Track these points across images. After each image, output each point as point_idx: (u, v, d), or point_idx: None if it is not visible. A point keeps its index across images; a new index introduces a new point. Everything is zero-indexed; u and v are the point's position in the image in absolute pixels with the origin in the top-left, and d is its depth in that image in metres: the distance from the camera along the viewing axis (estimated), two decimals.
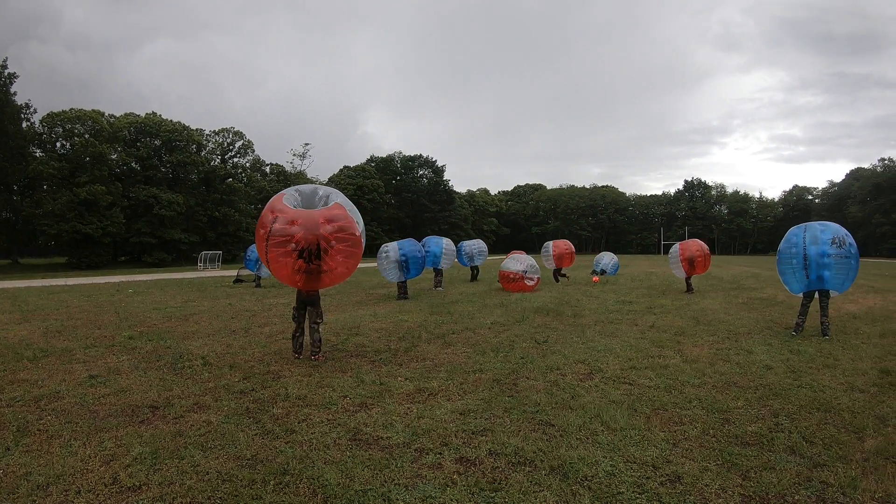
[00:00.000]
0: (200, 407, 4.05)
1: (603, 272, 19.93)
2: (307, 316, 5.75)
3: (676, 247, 13.21)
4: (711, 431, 3.67)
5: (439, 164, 71.79)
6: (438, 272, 14.22)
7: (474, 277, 17.52)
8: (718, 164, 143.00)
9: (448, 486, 2.79)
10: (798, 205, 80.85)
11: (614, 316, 9.16)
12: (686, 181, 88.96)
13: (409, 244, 11.41)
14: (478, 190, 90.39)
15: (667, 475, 2.96)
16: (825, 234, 7.06)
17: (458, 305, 10.34)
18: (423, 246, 12.80)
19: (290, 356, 5.81)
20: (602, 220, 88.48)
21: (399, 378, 4.95)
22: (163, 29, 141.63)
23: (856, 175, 70.45)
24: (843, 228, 7.26)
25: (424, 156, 71.01)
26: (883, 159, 66.86)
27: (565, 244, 17.15)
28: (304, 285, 5.28)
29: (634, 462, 3.11)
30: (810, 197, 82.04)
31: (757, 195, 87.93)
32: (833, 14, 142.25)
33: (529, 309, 9.68)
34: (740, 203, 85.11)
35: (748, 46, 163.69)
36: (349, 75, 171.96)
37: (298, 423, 3.71)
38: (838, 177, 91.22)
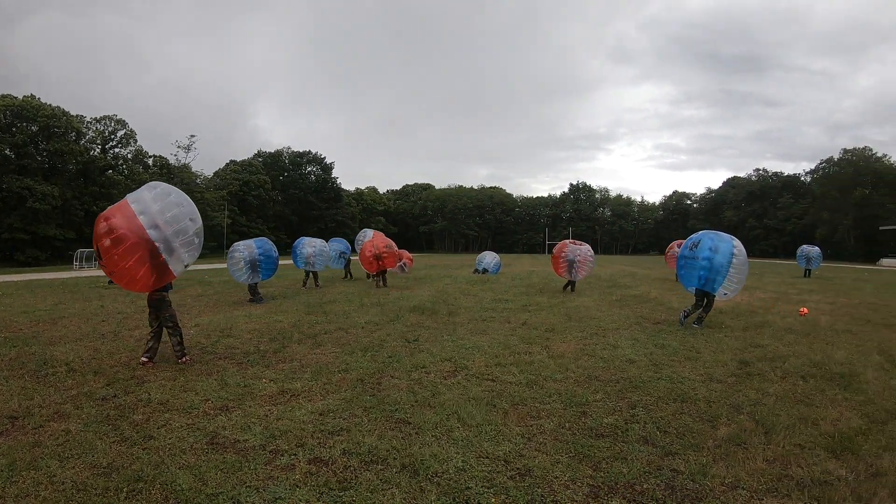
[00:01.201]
0: (61, 415, 5.77)
1: (485, 271, 29.38)
2: (159, 320, 8.42)
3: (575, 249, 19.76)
4: (567, 425, 5.44)
5: (328, 161, 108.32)
6: (312, 275, 21.74)
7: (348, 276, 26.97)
8: (604, 169, 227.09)
9: (298, 486, 4.11)
10: (677, 209, 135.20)
11: (488, 314, 13.28)
12: (572, 184, 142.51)
13: (262, 243, 16.13)
14: (366, 188, 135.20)
15: (517, 469, 4.39)
16: (690, 240, 12.16)
17: (334, 305, 14.85)
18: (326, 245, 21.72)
19: (156, 360, 8.34)
20: (489, 221, 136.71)
21: (264, 380, 7.14)
22: (47, 1, 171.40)
23: (732, 183, 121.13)
24: (723, 236, 12.07)
25: (313, 152, 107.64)
26: (758, 169, 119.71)
27: (383, 242, 22.92)
28: (126, 286, 8.16)
29: (486, 457, 4.60)
30: (689, 202, 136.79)
31: (639, 199, 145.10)
32: (722, 36, 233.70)
33: (406, 308, 13.97)
34: (623, 206, 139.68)
35: (640, 60, 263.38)
36: (240, 65, 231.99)
37: (158, 428, 5.31)
38: (716, 184, 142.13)
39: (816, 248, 34.41)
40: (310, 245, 22.28)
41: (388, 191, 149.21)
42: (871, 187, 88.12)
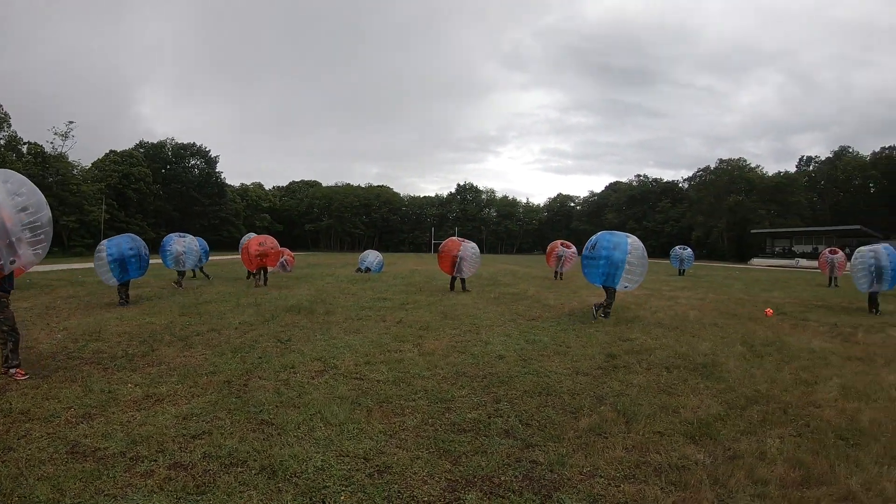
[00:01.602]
0: None
1: (368, 270, 30.15)
2: None
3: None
4: (430, 421, 5.62)
5: (213, 154, 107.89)
6: (182, 274, 21.90)
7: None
8: (492, 170, 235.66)
9: (155, 492, 4.11)
10: (561, 210, 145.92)
11: (365, 313, 13.53)
12: (459, 185, 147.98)
13: (128, 240, 15.98)
14: (252, 184, 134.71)
15: (376, 466, 4.53)
16: (590, 241, 13.90)
17: (210, 305, 14.87)
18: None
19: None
20: (376, 219, 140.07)
21: (129, 384, 7.07)
22: None
23: (614, 187, 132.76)
24: (619, 234, 13.80)
25: (198, 144, 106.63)
26: (639, 175, 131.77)
27: (272, 241, 22.99)
28: None
29: (347, 455, 4.72)
30: (573, 204, 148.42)
31: (524, 200, 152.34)
32: (614, 48, 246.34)
33: (282, 307, 14.19)
34: (508, 207, 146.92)
35: (533, 67, 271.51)
36: (127, 46, 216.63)
37: (18, 439, 5.16)
38: (599, 188, 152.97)
39: (689, 249, 38.05)
40: (179, 243, 21.85)
41: (274, 187, 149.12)
42: (744, 194, 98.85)
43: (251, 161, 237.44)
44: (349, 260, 42.86)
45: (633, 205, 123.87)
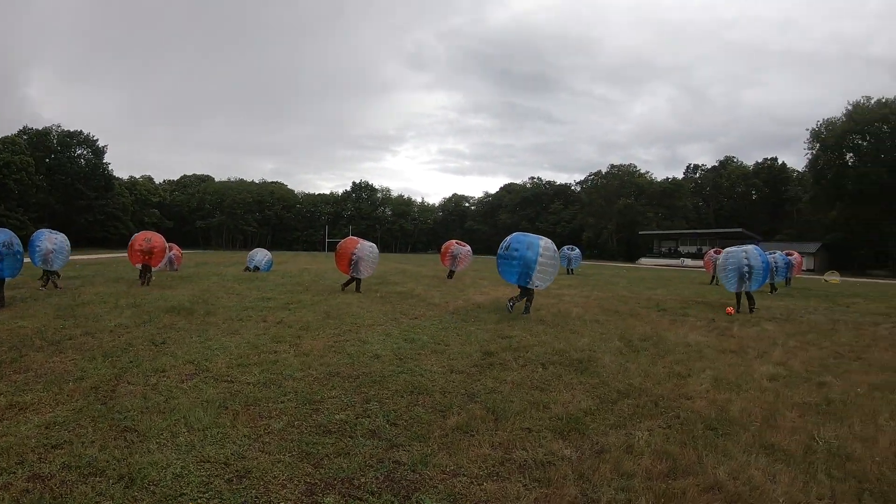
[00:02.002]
0: None
1: (256, 269, 29.60)
2: None
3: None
4: (296, 423, 5.53)
5: (101, 144, 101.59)
6: (50, 273, 19.95)
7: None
8: (389, 169, 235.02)
9: None
10: (456, 210, 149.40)
11: (247, 313, 13.11)
12: (354, 183, 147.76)
13: (2, 236, 14.57)
14: (141, 177, 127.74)
15: (236, 471, 4.43)
16: (504, 242, 14.68)
17: (87, 307, 13.99)
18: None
19: None
20: (269, 217, 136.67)
21: None
22: None
23: (509, 189, 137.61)
24: (531, 236, 14.47)
25: (85, 133, 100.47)
26: (532, 177, 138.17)
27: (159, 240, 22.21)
28: None
29: (207, 461, 4.60)
30: (467, 204, 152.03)
31: (420, 200, 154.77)
32: (517, 55, 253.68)
33: (162, 308, 13.52)
34: (404, 206, 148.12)
35: (435, 69, 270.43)
36: (16, 21, 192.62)
37: None
38: (494, 189, 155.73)
39: (577, 249, 39.66)
40: (50, 240, 20.44)
41: (164, 181, 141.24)
42: (634, 198, 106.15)
43: (140, 151, 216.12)
44: (240, 259, 41.93)
45: (527, 206, 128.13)
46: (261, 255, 31.26)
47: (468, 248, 28.68)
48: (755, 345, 10.56)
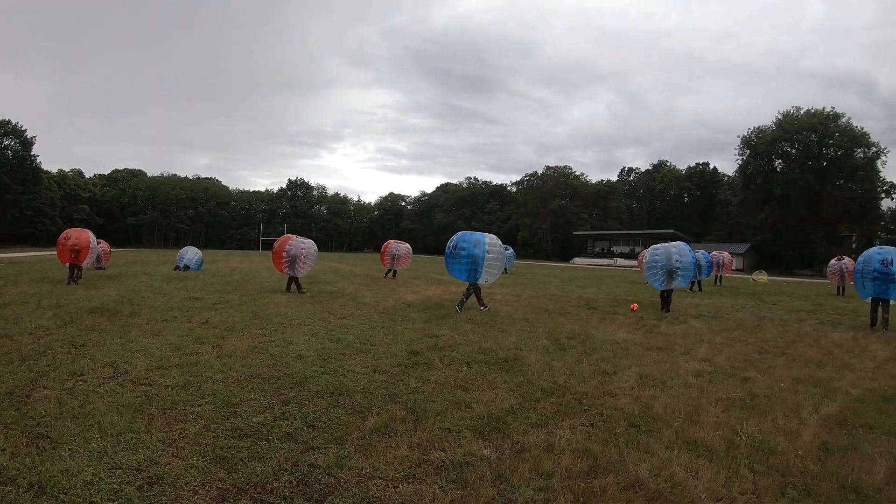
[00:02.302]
0: None
1: (186, 268, 29.34)
2: None
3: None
4: (213, 427, 5.39)
5: (29, 135, 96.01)
6: None
7: None
8: (326, 167, 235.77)
9: None
10: (392, 209, 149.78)
11: (172, 314, 12.85)
12: (290, 180, 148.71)
13: None
14: (71, 171, 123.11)
15: (148, 478, 4.32)
16: (451, 241, 15.28)
17: (8, 308, 13.52)
18: None
19: None
20: (202, 214, 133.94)
21: None
22: None
23: (445, 188, 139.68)
24: (476, 234, 15.33)
25: (13, 122, 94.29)
26: (469, 178, 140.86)
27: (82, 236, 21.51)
28: None
29: (119, 468, 4.47)
30: (403, 203, 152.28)
31: (356, 198, 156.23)
32: (458, 56, 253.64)
33: (86, 309, 13.20)
34: (339, 205, 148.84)
35: (375, 66, 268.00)
36: None
37: None
38: (431, 188, 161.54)
39: (511, 249, 39.63)
40: None
41: (95, 175, 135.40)
42: (569, 199, 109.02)
43: (71, 143, 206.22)
44: (171, 257, 41.05)
45: (463, 206, 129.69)
46: (191, 254, 30.87)
47: (407, 246, 28.93)
48: (682, 342, 10.81)
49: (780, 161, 77.44)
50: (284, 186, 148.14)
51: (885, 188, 73.58)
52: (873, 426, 5.99)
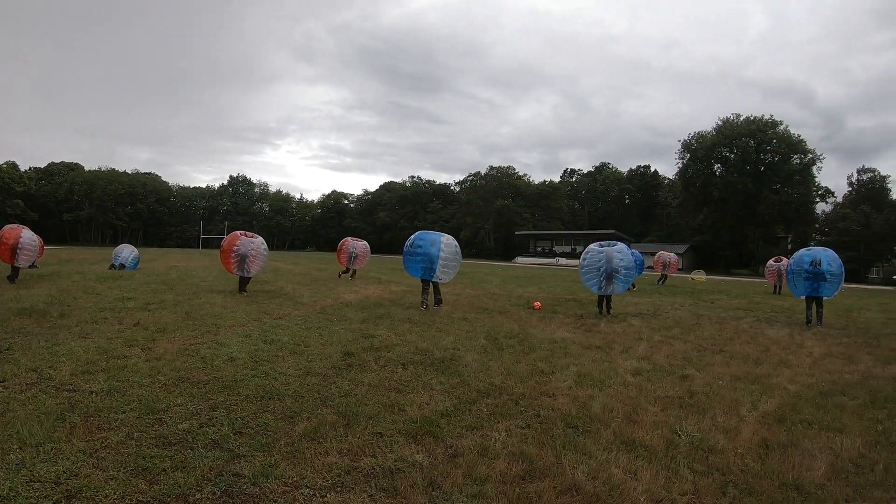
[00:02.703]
0: None
1: (122, 266, 28.37)
2: None
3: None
4: (136, 435, 5.17)
5: None
6: None
7: None
8: (270, 163, 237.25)
9: None
10: (335, 208, 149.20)
11: (104, 315, 12.30)
12: (231, 176, 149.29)
13: None
14: (5, 163, 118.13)
15: (66, 491, 4.12)
16: (409, 241, 15.78)
17: None
18: None
19: None
20: (141, 210, 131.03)
21: None
22: None
23: (388, 187, 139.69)
24: (432, 233, 15.83)
25: None
26: (412, 177, 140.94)
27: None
28: None
29: (38, 480, 4.26)
30: (346, 202, 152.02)
31: (298, 196, 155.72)
32: (406, 54, 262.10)
33: (14, 310, 12.67)
34: (281, 202, 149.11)
35: (322, 62, 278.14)
36: None
37: None
38: (374, 187, 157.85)
39: None
40: None
41: (30, 168, 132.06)
42: (511, 199, 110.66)
43: (3, 134, 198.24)
44: (107, 255, 39.30)
45: (406, 204, 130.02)
46: (127, 252, 29.72)
47: (365, 243, 28.07)
48: (621, 340, 10.92)
49: (719, 165, 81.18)
50: (226, 183, 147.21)
51: (819, 193, 78.97)
52: (812, 422, 6.12)
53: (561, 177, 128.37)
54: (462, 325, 12.06)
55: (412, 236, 15.86)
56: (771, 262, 29.82)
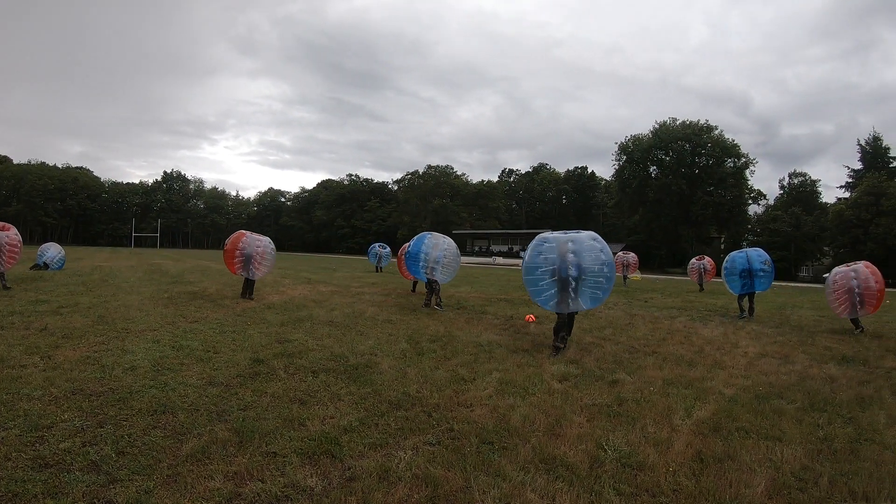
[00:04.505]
0: None
1: (46, 266, 27.28)
2: None
3: None
4: (14, 455, 4.67)
5: None
6: None
7: None
8: (207, 159, 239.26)
9: None
10: (271, 205, 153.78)
11: (11, 319, 11.50)
12: (166, 172, 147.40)
13: None
14: None
15: None
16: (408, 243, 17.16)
17: None
18: None
19: None
20: (71, 207, 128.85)
21: None
22: None
23: (325, 185, 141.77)
24: (438, 237, 16.45)
25: None
26: (350, 175, 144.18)
27: None
28: None
29: None
30: (283, 199, 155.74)
31: (234, 193, 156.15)
32: (349, 50, 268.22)
33: None
34: (217, 200, 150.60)
35: (264, 55, 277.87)
36: None
37: None
38: (312, 185, 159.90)
39: (388, 248, 41.08)
40: None
41: None
42: (449, 198, 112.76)
43: None
44: (32, 255, 37.27)
45: (343, 203, 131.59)
46: (54, 251, 28.44)
47: (267, 241, 17.39)
48: (549, 343, 10.58)
49: (654, 167, 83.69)
50: (160, 179, 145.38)
51: (752, 195, 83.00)
52: (749, 430, 5.93)
53: (499, 177, 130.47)
54: (385, 328, 11.74)
55: (413, 239, 16.76)
56: (693, 261, 31.29)
